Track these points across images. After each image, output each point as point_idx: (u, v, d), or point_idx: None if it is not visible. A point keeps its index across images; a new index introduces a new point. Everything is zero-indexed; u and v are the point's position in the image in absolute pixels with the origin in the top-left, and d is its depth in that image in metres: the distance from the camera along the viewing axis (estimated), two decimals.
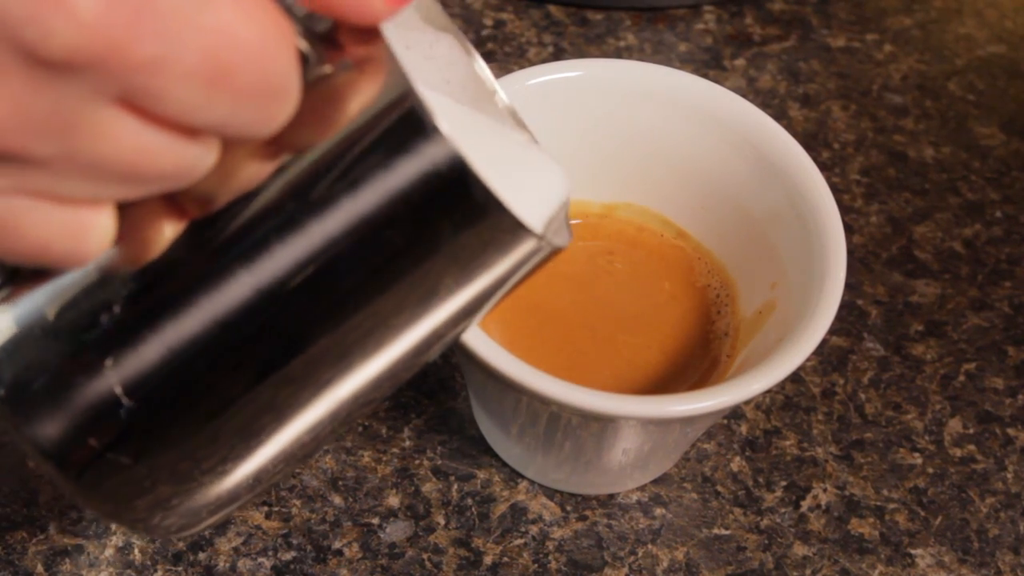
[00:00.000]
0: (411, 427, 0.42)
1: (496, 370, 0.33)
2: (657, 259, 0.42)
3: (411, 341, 0.27)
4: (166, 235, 0.24)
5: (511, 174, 0.28)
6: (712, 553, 0.40)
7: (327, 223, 0.24)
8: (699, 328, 0.40)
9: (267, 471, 0.27)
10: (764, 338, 0.38)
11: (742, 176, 0.40)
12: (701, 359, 0.40)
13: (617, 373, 0.39)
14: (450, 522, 0.40)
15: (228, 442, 0.26)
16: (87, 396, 0.24)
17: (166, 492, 0.26)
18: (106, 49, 0.19)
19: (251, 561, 0.39)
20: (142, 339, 0.24)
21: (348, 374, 0.26)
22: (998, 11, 0.60)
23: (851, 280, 0.47)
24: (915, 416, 0.44)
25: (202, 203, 0.24)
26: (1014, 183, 0.52)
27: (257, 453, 0.27)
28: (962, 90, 0.56)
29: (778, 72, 0.56)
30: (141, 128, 0.21)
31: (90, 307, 0.25)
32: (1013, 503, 0.42)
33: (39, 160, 0.20)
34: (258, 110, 0.21)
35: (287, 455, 0.27)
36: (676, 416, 0.33)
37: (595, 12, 0.57)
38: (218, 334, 0.24)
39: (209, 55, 0.20)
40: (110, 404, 0.25)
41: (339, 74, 0.23)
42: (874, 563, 0.40)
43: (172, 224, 0.24)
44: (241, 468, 0.27)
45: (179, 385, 0.25)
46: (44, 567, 0.38)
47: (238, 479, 0.27)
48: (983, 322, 0.47)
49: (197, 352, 0.25)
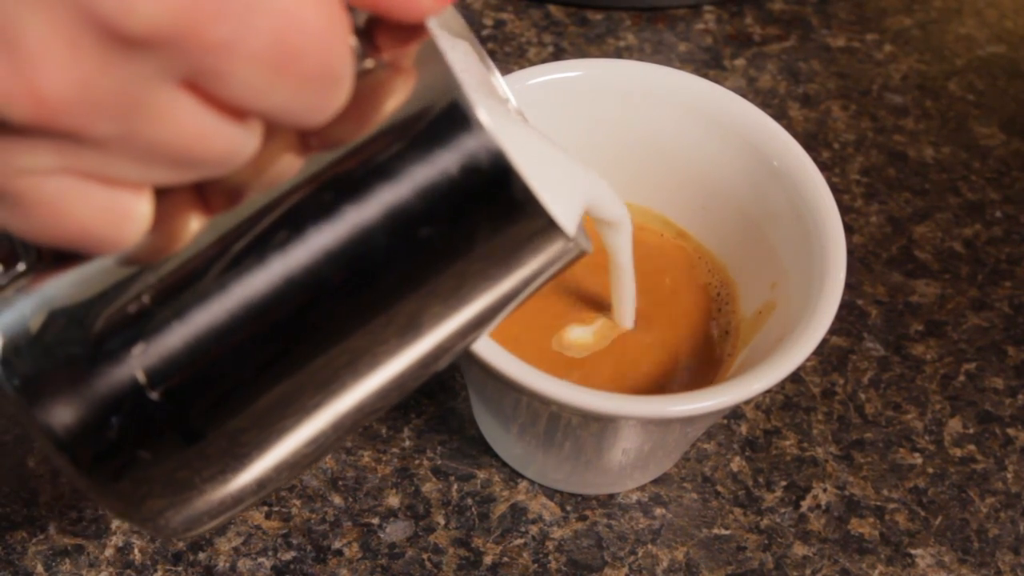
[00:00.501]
0: (411, 427, 0.42)
1: (496, 370, 0.33)
2: (657, 257, 0.42)
3: (431, 343, 0.26)
4: (196, 226, 0.24)
5: (542, 175, 0.28)
6: (712, 553, 0.40)
7: (362, 216, 0.24)
8: (700, 326, 0.40)
9: (281, 470, 0.27)
10: (764, 338, 0.37)
11: (742, 176, 0.40)
12: (701, 358, 0.40)
13: (618, 371, 0.39)
14: (450, 522, 0.40)
15: (247, 441, 0.26)
16: (110, 385, 0.24)
17: (179, 491, 0.26)
18: (185, 28, 0.19)
19: (251, 561, 0.39)
20: (170, 330, 0.24)
21: (377, 370, 0.26)
22: (998, 11, 0.60)
23: (851, 280, 0.47)
24: (915, 416, 0.44)
25: (235, 193, 0.23)
26: (1014, 183, 0.52)
27: (274, 452, 0.26)
28: (962, 90, 0.56)
29: (778, 72, 0.56)
30: (200, 111, 0.21)
31: (118, 296, 0.24)
32: (1013, 503, 0.42)
33: (97, 140, 0.20)
34: (316, 97, 0.21)
35: (306, 452, 0.27)
36: (676, 416, 0.33)
37: (595, 12, 0.57)
38: (248, 328, 0.24)
39: (277, 38, 0.20)
40: (133, 395, 0.24)
41: (381, 69, 0.23)
42: (874, 563, 0.40)
43: (203, 215, 0.24)
44: (254, 469, 0.26)
45: (204, 379, 0.24)
46: (44, 567, 0.38)
47: (247, 481, 0.27)
48: (983, 322, 0.47)
49: (225, 346, 0.24)
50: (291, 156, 0.23)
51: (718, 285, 0.41)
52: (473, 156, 0.23)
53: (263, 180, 0.23)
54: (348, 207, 0.24)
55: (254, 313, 0.24)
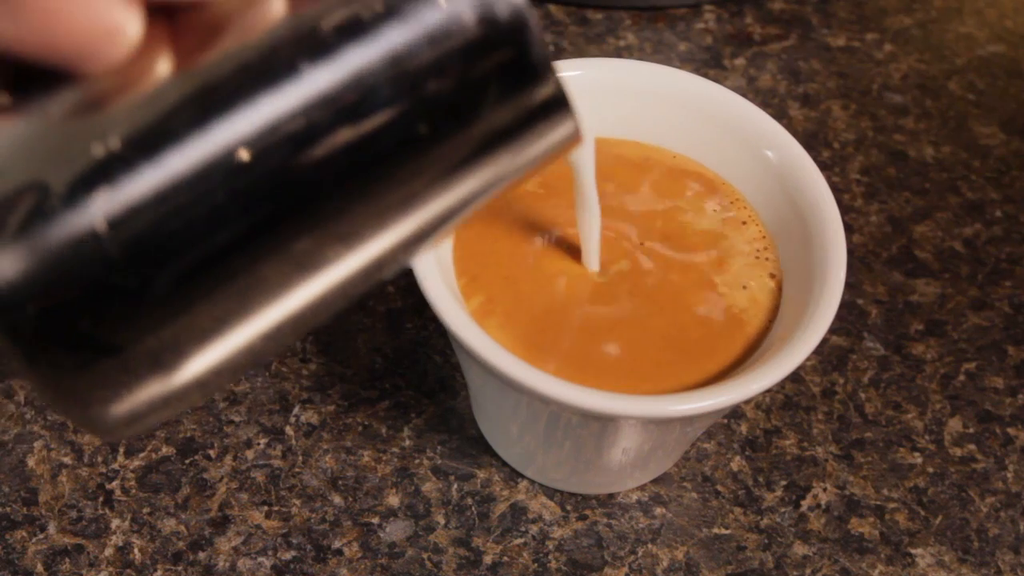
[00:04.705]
0: (411, 427, 0.42)
1: (496, 370, 0.33)
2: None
3: (423, 218, 0.24)
4: (172, 63, 0.22)
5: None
6: (712, 553, 0.40)
7: (366, 58, 0.21)
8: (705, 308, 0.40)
9: (237, 361, 0.24)
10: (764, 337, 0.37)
11: (742, 175, 0.40)
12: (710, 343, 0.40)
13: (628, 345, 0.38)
14: (450, 521, 0.40)
15: (214, 314, 0.23)
16: (65, 234, 0.20)
17: (122, 375, 0.22)
18: None
19: (251, 561, 0.39)
20: (140, 176, 0.21)
21: (369, 242, 0.23)
22: (998, 11, 0.60)
23: (851, 280, 0.47)
24: (915, 416, 0.44)
25: (220, 26, 0.22)
26: (1014, 182, 0.52)
27: (241, 330, 0.23)
28: (962, 90, 0.56)
29: (778, 71, 0.56)
30: None
31: (81, 135, 0.21)
32: (1013, 503, 0.42)
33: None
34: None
35: (272, 334, 0.24)
36: (676, 416, 0.33)
37: (595, 11, 0.57)
38: (228, 182, 0.21)
39: None
40: (90, 248, 0.21)
41: None
42: (874, 563, 0.40)
43: (183, 50, 0.22)
44: (215, 350, 0.23)
45: (172, 237, 0.21)
46: (44, 567, 0.38)
47: (205, 366, 0.23)
48: (983, 321, 0.47)
49: (200, 199, 0.21)
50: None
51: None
52: (492, 7, 0.22)
53: (255, 15, 0.22)
54: (351, 46, 0.21)
55: (236, 165, 0.21)
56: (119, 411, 0.23)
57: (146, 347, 0.22)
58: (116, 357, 0.22)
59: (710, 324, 0.36)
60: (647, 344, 0.36)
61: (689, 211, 0.39)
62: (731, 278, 0.37)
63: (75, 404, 0.22)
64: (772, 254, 0.38)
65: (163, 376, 0.23)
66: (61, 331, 0.21)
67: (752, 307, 0.37)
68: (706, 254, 0.38)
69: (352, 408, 0.43)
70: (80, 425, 0.24)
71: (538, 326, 0.36)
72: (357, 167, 0.22)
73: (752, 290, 0.37)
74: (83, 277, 0.21)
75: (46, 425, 0.42)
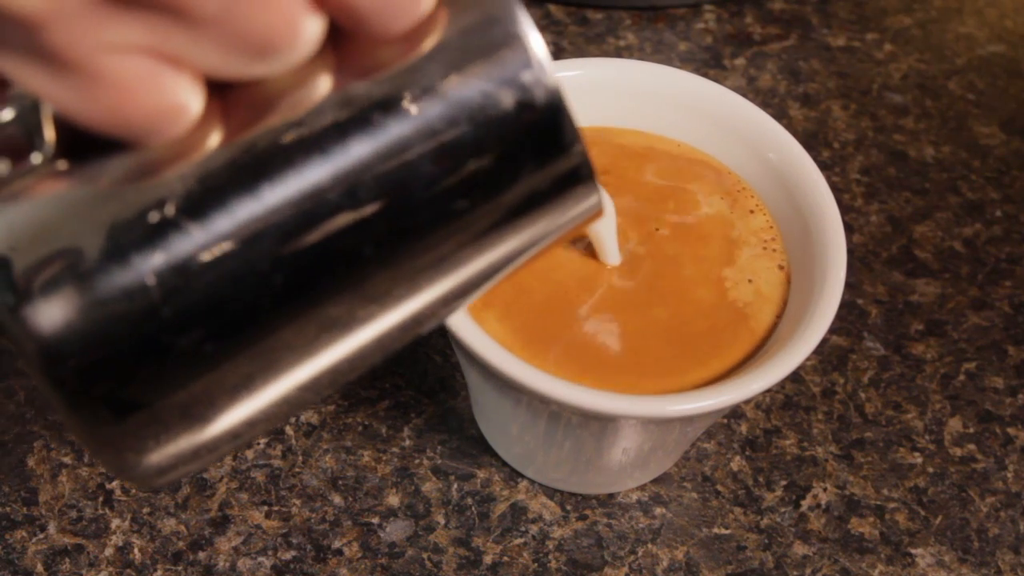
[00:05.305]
0: (411, 427, 0.42)
1: (496, 370, 0.33)
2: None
3: (458, 279, 0.25)
4: (227, 135, 0.22)
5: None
6: (712, 552, 0.40)
7: (410, 138, 0.23)
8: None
9: (272, 413, 0.25)
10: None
11: (742, 175, 0.40)
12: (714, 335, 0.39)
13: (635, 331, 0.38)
14: (450, 521, 0.40)
15: (255, 372, 0.24)
16: (118, 294, 0.21)
17: (160, 431, 0.23)
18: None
19: (251, 560, 0.39)
20: (191, 242, 0.22)
21: (404, 303, 0.25)
22: (998, 11, 0.60)
23: (851, 280, 0.47)
24: (915, 416, 0.44)
25: (271, 104, 0.22)
26: (1014, 182, 0.52)
27: (278, 385, 0.25)
28: (962, 89, 0.56)
29: (778, 71, 0.56)
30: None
31: (139, 200, 0.22)
32: (1013, 503, 0.42)
33: (198, 17, 0.20)
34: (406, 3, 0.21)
35: (302, 391, 0.25)
36: (676, 415, 0.33)
37: (595, 11, 0.57)
38: (275, 250, 0.22)
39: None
40: (142, 309, 0.22)
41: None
42: (874, 563, 0.40)
43: (236, 125, 0.23)
44: (252, 403, 0.24)
45: (222, 298, 0.22)
46: (44, 567, 0.38)
47: (241, 419, 0.25)
48: (983, 321, 0.47)
49: (250, 264, 0.22)
50: (336, 69, 0.22)
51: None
52: (529, 91, 0.23)
53: (306, 92, 0.22)
54: (395, 127, 0.23)
55: (284, 233, 0.22)
56: (155, 461, 0.24)
57: (184, 400, 0.23)
58: (151, 410, 0.23)
59: (714, 317, 0.36)
60: (649, 338, 0.36)
61: (696, 197, 0.39)
62: (737, 271, 0.37)
63: (111, 453, 0.23)
64: (779, 245, 0.38)
65: (199, 427, 0.24)
66: (105, 384, 0.22)
67: (757, 300, 0.37)
68: (713, 244, 0.38)
69: (352, 408, 0.43)
70: (119, 474, 0.25)
71: (538, 318, 0.36)
72: (396, 236, 0.24)
73: (758, 283, 0.37)
74: (132, 335, 0.22)
75: (46, 425, 0.42)
